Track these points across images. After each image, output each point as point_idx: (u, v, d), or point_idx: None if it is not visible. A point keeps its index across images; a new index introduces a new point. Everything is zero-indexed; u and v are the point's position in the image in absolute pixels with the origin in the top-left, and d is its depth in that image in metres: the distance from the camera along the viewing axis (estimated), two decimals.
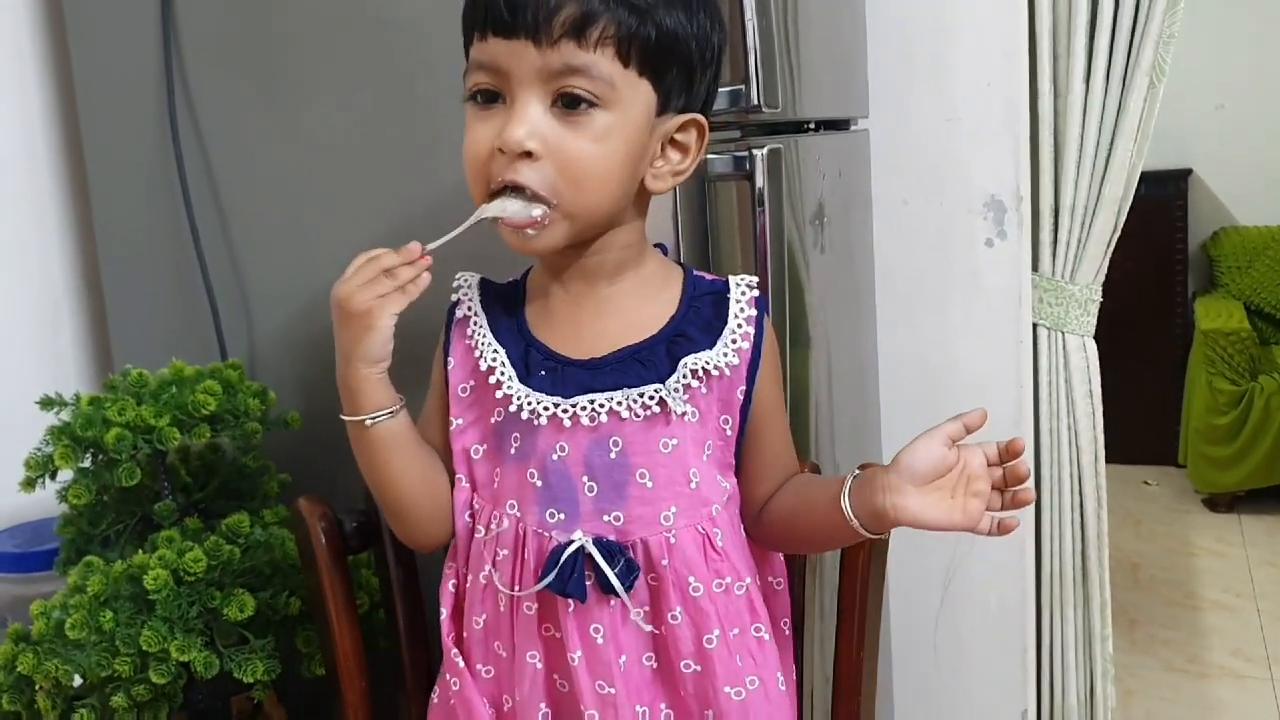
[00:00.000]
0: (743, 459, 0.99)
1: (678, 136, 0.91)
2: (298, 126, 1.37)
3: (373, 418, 0.93)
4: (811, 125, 1.54)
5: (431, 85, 1.27)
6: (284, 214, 1.40)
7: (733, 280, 0.97)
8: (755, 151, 1.21)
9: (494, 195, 0.87)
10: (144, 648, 1.10)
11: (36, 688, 1.15)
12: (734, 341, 0.94)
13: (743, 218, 1.25)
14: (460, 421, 0.98)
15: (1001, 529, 0.87)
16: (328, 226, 1.37)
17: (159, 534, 1.20)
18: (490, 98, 0.87)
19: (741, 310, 0.95)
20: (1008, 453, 0.87)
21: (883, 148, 1.84)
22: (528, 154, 0.85)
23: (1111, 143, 1.78)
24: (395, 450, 0.95)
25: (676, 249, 1.16)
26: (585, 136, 0.85)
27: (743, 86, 1.20)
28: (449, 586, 1.01)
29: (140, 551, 1.18)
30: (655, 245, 1.00)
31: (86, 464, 1.24)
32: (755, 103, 1.21)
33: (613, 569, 0.90)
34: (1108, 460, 1.94)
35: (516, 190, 0.86)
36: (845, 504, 0.89)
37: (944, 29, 1.79)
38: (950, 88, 1.80)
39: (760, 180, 1.22)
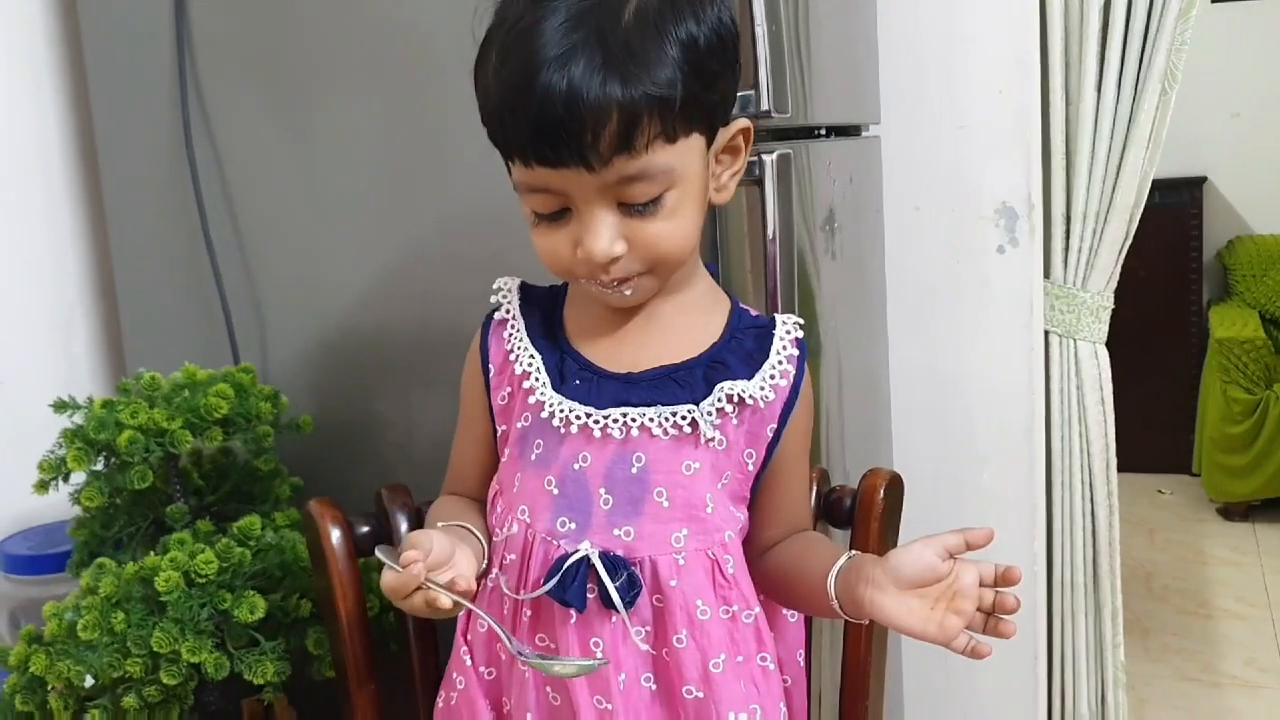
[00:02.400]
0: (755, 501, 0.98)
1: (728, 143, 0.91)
2: (310, 133, 1.38)
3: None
4: (822, 131, 1.54)
5: (443, 92, 1.27)
6: (296, 219, 1.41)
7: (779, 318, 0.96)
8: (765, 157, 1.21)
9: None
10: (155, 649, 1.11)
11: (49, 688, 1.16)
12: (772, 377, 0.93)
13: (752, 224, 1.25)
14: (504, 428, 0.98)
15: (974, 653, 0.83)
16: (340, 232, 1.38)
17: (170, 536, 1.20)
18: (556, 215, 0.86)
19: (784, 348, 0.95)
20: (1004, 579, 0.83)
21: (894, 154, 1.84)
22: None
23: (1123, 150, 1.78)
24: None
25: None
26: (660, 219, 0.85)
27: (752, 92, 1.20)
28: None
29: (152, 554, 1.18)
30: (707, 266, 0.99)
31: (99, 467, 1.24)
32: (765, 108, 1.21)
33: (614, 582, 0.89)
34: (1122, 469, 1.94)
35: (623, 282, 0.88)
36: (831, 583, 0.88)
37: (955, 36, 1.79)
38: (962, 95, 1.80)
39: (770, 186, 1.22)
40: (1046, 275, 1.85)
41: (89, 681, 1.12)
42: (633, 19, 0.80)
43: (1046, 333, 1.86)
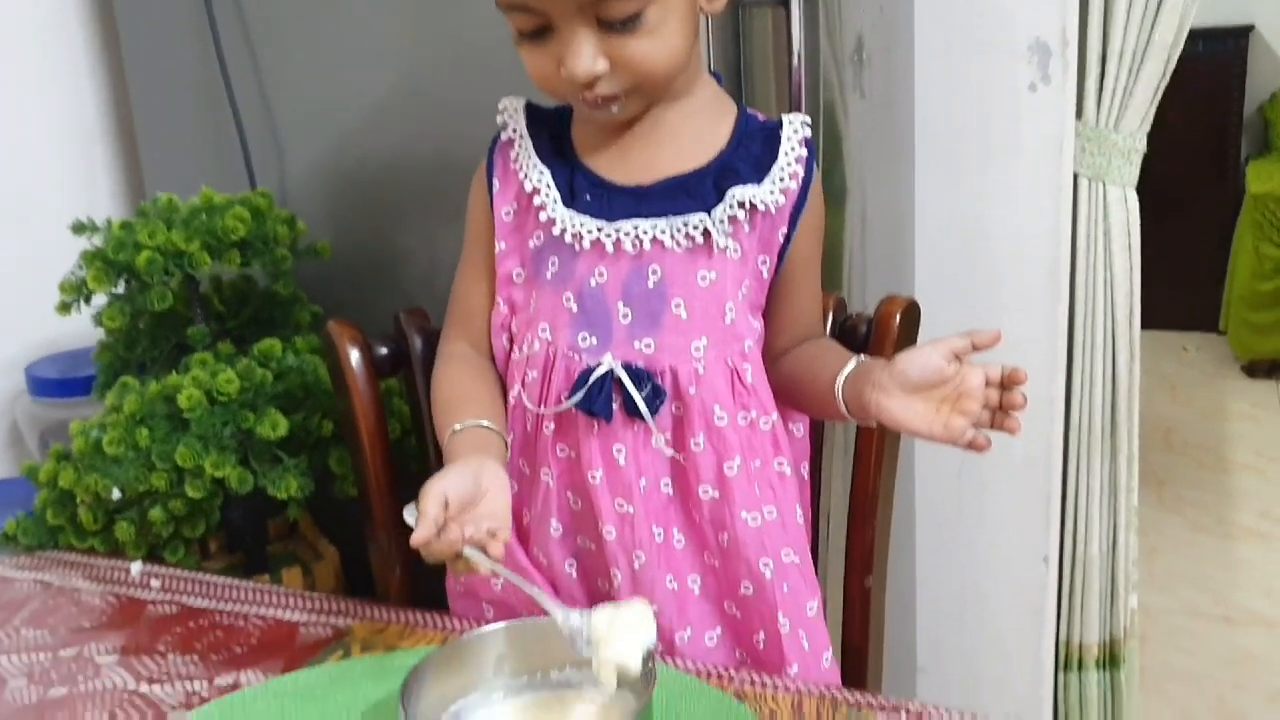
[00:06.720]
0: (768, 308, 0.99)
1: None
2: None
3: None
4: None
5: None
6: (312, 39, 1.39)
7: (786, 118, 0.95)
8: None
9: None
10: (179, 463, 1.13)
11: (78, 501, 1.19)
12: (781, 180, 0.93)
13: (777, 50, 1.21)
14: (504, 245, 0.98)
15: (973, 445, 0.83)
16: (357, 52, 1.36)
17: (192, 356, 1.22)
18: (538, 34, 0.85)
19: (792, 149, 0.94)
20: (1010, 379, 0.83)
21: None
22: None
23: None
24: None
25: None
26: (642, 36, 0.83)
27: None
28: None
29: (174, 374, 1.20)
30: (711, 73, 0.98)
31: (119, 289, 1.25)
32: None
33: (640, 393, 0.92)
34: (1147, 326, 1.92)
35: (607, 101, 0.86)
36: (839, 387, 0.90)
37: None
38: None
39: (796, 6, 1.18)
40: (1079, 115, 1.81)
41: (116, 495, 1.15)
42: None
43: (1075, 175, 1.82)
